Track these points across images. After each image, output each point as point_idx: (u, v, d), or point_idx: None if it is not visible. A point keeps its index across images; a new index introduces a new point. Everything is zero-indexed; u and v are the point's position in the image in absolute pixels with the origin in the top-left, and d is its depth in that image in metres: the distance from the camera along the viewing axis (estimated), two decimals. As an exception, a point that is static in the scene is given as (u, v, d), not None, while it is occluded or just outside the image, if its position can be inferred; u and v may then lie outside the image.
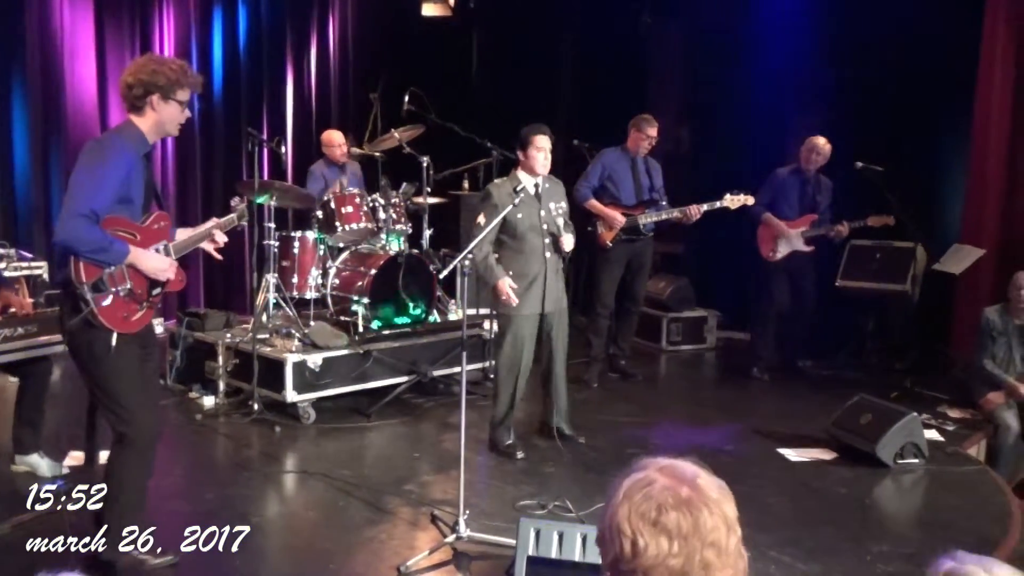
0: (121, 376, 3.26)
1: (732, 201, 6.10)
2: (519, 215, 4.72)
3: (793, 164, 6.64)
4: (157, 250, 3.34)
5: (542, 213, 4.83)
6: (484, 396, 5.80)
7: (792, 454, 5.04)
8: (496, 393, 4.87)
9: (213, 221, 3.63)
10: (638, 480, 1.42)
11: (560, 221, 4.87)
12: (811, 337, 6.90)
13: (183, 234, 3.52)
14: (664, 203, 6.29)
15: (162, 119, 3.29)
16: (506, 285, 4.68)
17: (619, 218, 6.14)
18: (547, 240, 4.83)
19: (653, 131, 6.26)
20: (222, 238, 3.61)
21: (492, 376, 5.37)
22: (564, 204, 4.96)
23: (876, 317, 7.12)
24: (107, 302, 3.19)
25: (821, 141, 6.55)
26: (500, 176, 5.61)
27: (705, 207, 6.06)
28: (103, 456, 4.26)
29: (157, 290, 3.35)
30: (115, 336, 3.21)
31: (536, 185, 4.83)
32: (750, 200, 6.15)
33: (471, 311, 6.24)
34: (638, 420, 5.67)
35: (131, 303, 3.26)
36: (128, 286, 3.23)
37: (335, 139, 7.15)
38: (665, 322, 7.61)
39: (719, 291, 7.81)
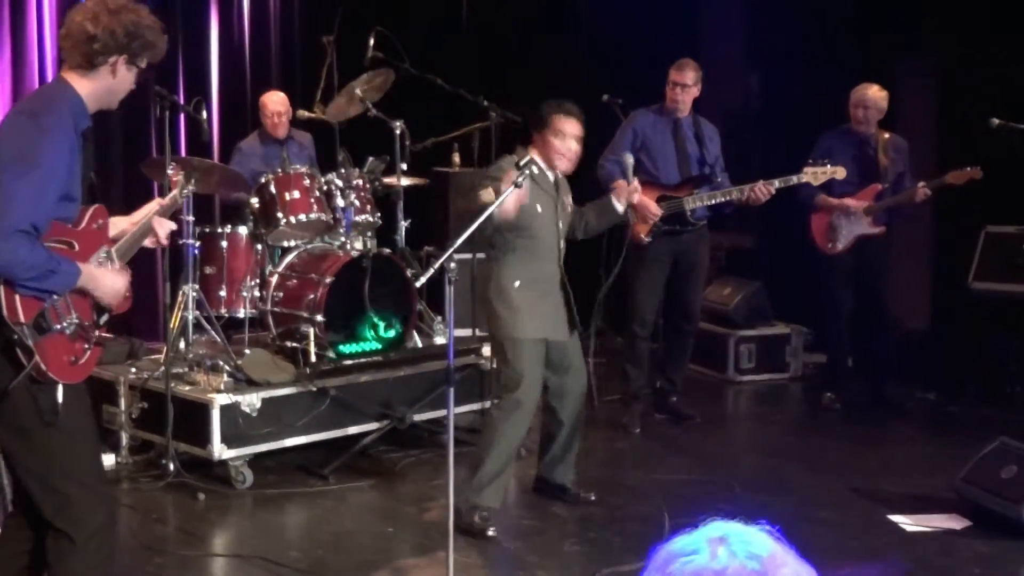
0: (71, 442, 3.21)
1: (814, 175, 6.10)
2: (537, 206, 4.78)
3: (845, 124, 6.66)
4: (100, 261, 3.29)
5: (559, 209, 4.95)
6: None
7: (908, 522, 5.03)
8: (486, 444, 4.87)
9: (156, 203, 3.56)
10: (684, 545, 1.43)
11: (568, 220, 5.03)
12: (929, 360, 6.89)
13: (119, 228, 3.45)
14: (721, 179, 6.28)
15: (116, 88, 3.25)
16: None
17: (653, 208, 6.10)
18: (562, 244, 4.96)
19: (683, 76, 6.27)
20: (168, 226, 3.55)
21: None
22: (570, 201, 5.09)
23: (1021, 332, 7.09)
24: (51, 345, 3.11)
25: (872, 91, 6.55)
26: (500, 147, 5.62)
27: (778, 184, 6.05)
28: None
29: (104, 317, 3.30)
30: (60, 390, 3.15)
31: (521, 169, 4.83)
32: (840, 172, 6.15)
33: (462, 332, 6.24)
34: (695, 478, 5.65)
35: (77, 341, 3.20)
36: (75, 319, 3.17)
37: (267, 105, 7.16)
38: (732, 343, 7.61)
39: (805, 299, 7.80)
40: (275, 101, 7.20)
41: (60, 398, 3.14)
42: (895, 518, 5.07)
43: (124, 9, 3.18)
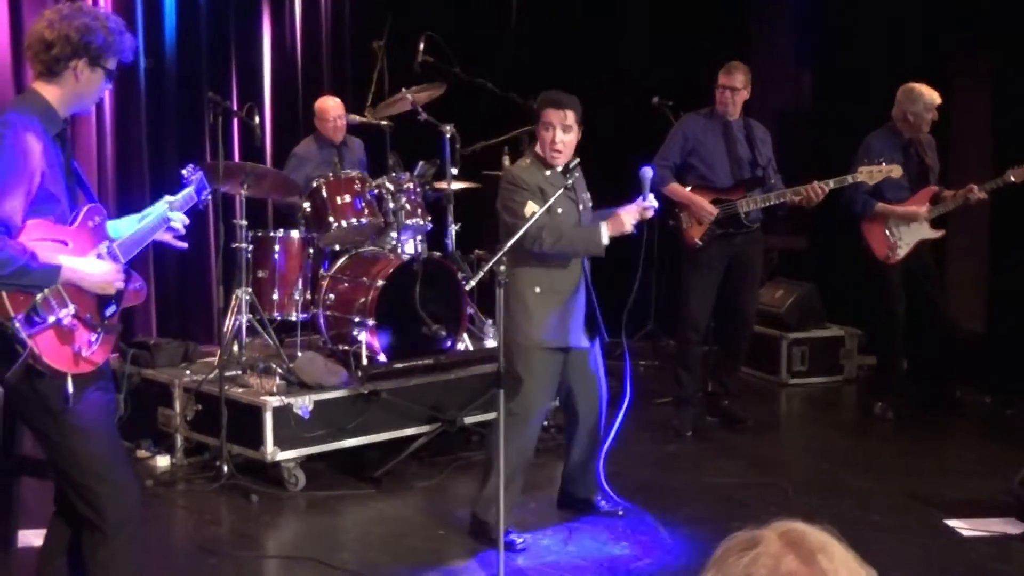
0: (87, 436, 3.29)
1: (870, 174, 6.05)
2: (560, 211, 4.69)
3: (887, 124, 6.52)
4: (100, 255, 3.36)
5: (580, 209, 4.85)
6: (537, 448, 5.79)
7: (964, 526, 4.99)
8: (490, 457, 4.73)
9: (164, 201, 3.64)
10: (741, 541, 1.46)
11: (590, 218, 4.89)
12: (985, 363, 6.80)
13: (127, 226, 3.55)
14: (775, 181, 6.25)
15: (83, 91, 3.32)
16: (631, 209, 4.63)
17: (708, 207, 6.09)
18: None
19: (732, 80, 6.23)
20: (182, 219, 3.62)
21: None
22: (588, 196, 4.94)
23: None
24: (49, 337, 3.19)
25: (935, 94, 6.33)
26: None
27: (832, 184, 6.02)
28: (26, 537, 4.35)
29: (111, 309, 3.37)
30: (70, 381, 3.23)
31: (568, 173, 4.73)
32: (897, 171, 6.08)
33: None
34: (748, 481, 5.64)
35: (81, 332, 3.27)
36: (71, 310, 3.24)
37: (329, 110, 7.21)
38: (785, 345, 7.56)
39: (858, 301, 7.73)
40: (334, 106, 7.22)
41: (70, 390, 3.22)
42: (951, 522, 5.03)
43: (77, 13, 3.28)
